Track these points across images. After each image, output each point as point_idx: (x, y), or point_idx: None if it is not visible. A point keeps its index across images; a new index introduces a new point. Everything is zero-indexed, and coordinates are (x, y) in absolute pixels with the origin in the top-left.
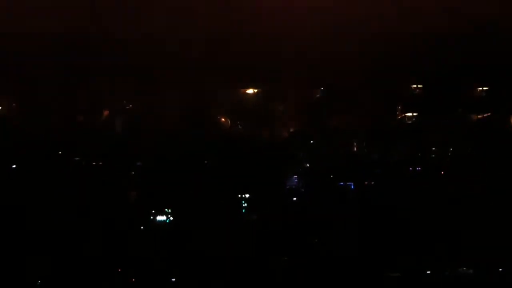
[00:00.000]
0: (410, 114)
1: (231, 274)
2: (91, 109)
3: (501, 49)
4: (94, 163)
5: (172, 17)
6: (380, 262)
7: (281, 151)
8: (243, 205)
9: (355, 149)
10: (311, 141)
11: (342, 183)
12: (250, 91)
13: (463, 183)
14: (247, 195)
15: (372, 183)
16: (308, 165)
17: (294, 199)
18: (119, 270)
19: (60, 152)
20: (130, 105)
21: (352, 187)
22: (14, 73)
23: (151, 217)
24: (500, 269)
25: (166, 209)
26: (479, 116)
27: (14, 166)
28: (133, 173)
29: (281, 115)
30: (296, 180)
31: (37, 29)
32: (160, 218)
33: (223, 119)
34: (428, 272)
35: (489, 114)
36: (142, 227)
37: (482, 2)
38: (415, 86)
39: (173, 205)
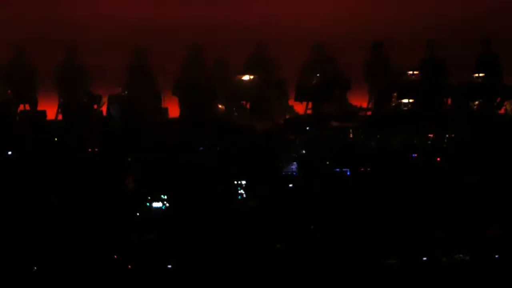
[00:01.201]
0: (406, 100)
1: (227, 261)
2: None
3: (498, 35)
4: (89, 149)
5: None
6: (376, 249)
7: (277, 137)
8: (239, 191)
9: (351, 135)
10: (307, 128)
11: (338, 170)
12: (246, 77)
13: (459, 169)
14: (243, 182)
15: (368, 169)
16: (303, 151)
17: (290, 185)
18: (115, 256)
19: (55, 139)
20: (126, 92)
21: (348, 173)
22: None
23: (147, 204)
24: (497, 256)
25: (162, 196)
26: (475, 102)
27: (9, 152)
28: (129, 159)
29: (277, 102)
30: (292, 167)
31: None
32: (156, 204)
33: (219, 106)
34: (425, 258)
35: (485, 100)
36: (138, 214)
37: None
38: (411, 72)
39: (169, 192)
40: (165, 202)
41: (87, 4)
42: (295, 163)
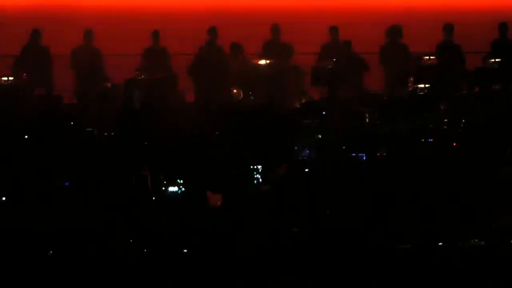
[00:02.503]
0: (422, 85)
1: (242, 245)
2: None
3: None
4: (106, 134)
5: None
6: (391, 233)
7: (293, 122)
8: (255, 176)
9: (367, 120)
10: (323, 112)
11: (354, 155)
12: (262, 62)
13: (475, 154)
14: (259, 166)
15: (384, 154)
16: (320, 136)
17: (306, 170)
18: (131, 241)
19: (72, 123)
20: (142, 76)
21: (364, 158)
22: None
23: (163, 188)
24: None
25: (178, 180)
26: (491, 87)
27: (26, 136)
28: (146, 143)
29: (293, 86)
30: (307, 152)
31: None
32: (172, 189)
33: (235, 90)
34: (440, 244)
35: (501, 85)
36: (154, 198)
37: None
38: (427, 57)
39: (185, 177)
40: (181, 187)
41: None
42: (307, 148)
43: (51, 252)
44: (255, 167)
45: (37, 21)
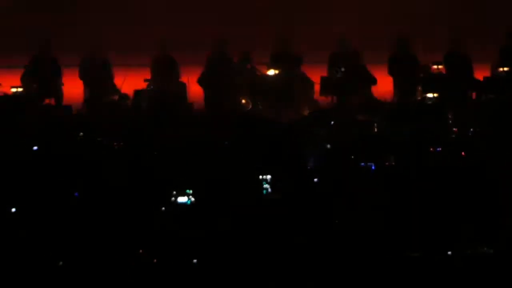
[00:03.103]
0: (431, 95)
1: (252, 255)
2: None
3: None
4: (115, 143)
5: None
6: (401, 242)
7: (301, 131)
8: (264, 186)
9: (375, 129)
10: (331, 122)
11: (363, 164)
12: (271, 72)
13: (484, 163)
14: (268, 176)
15: (393, 163)
16: (328, 145)
17: (315, 180)
18: (141, 251)
19: (81, 133)
20: (151, 86)
21: (373, 167)
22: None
23: (172, 198)
24: None
25: (187, 190)
26: (499, 96)
27: (35, 147)
28: (155, 153)
29: (301, 96)
30: (316, 161)
31: None
32: (182, 199)
33: (243, 101)
34: (449, 252)
35: (509, 94)
36: (163, 208)
37: None
38: (436, 66)
39: (195, 187)
40: (190, 197)
41: None
42: (316, 158)
43: (61, 263)
44: (265, 176)
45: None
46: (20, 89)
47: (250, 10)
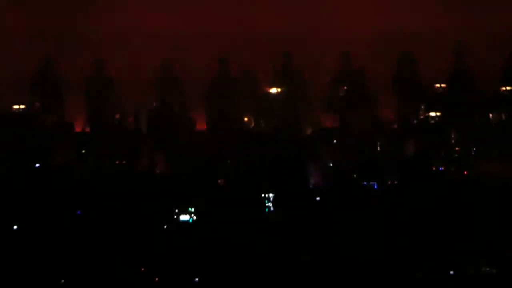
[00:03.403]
0: (433, 114)
1: (254, 274)
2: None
3: None
4: (117, 162)
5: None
6: (403, 262)
7: (304, 150)
8: (267, 204)
9: (378, 148)
10: (334, 141)
11: (365, 183)
12: (273, 90)
13: (486, 182)
14: (270, 195)
15: (396, 182)
16: (331, 164)
17: (318, 198)
18: (143, 269)
19: (83, 151)
20: (154, 104)
21: (375, 187)
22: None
23: (174, 216)
24: None
25: (189, 208)
26: (503, 116)
27: (37, 165)
28: (157, 171)
29: (304, 114)
30: (319, 180)
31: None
32: (184, 217)
33: (246, 118)
34: (451, 272)
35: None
36: (165, 226)
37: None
38: (438, 85)
39: (197, 205)
40: (192, 215)
41: (113, 16)
42: (319, 176)
43: (63, 281)
44: (267, 195)
45: (49, 47)
46: (22, 106)
47: (253, 29)
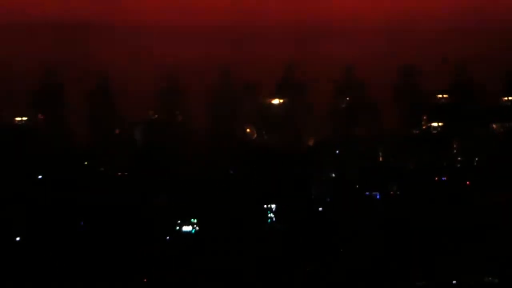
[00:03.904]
0: (435, 124)
1: (257, 283)
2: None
3: None
4: (119, 173)
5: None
6: (406, 271)
7: (306, 161)
8: (269, 215)
9: (380, 159)
10: (337, 151)
11: (368, 193)
12: (275, 101)
13: (488, 192)
14: (273, 205)
15: (398, 192)
16: (333, 174)
17: (320, 209)
18: (145, 280)
19: (85, 163)
20: (156, 116)
21: (377, 197)
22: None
23: (177, 227)
24: None
25: (192, 219)
26: (505, 125)
27: (40, 176)
28: (159, 183)
29: (306, 125)
30: (322, 190)
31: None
32: (186, 228)
33: (248, 129)
34: (454, 282)
35: None
36: (168, 237)
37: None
38: (440, 95)
39: (199, 216)
40: (195, 226)
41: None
42: (321, 187)
43: None
44: (269, 206)
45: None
46: (24, 118)
47: (254, 40)
